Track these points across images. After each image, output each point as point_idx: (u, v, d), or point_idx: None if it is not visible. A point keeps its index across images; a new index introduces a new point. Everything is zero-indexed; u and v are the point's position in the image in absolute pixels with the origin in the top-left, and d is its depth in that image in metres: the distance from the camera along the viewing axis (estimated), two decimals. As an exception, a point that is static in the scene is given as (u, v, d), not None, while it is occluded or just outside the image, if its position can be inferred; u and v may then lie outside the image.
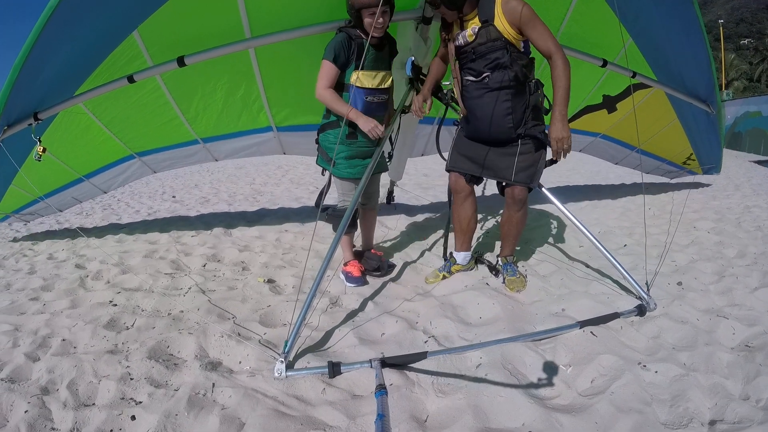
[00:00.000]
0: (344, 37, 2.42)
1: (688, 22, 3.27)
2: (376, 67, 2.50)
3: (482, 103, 2.38)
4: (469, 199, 2.70)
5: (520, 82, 2.30)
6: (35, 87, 2.73)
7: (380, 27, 2.37)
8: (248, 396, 1.69)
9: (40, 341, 2.17)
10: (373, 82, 2.50)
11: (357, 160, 2.63)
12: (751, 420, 1.51)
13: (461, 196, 2.70)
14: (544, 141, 2.38)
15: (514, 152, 2.44)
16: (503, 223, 2.68)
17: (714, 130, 4.51)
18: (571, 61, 3.45)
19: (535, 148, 2.44)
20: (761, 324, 2.13)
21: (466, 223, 2.73)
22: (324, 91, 2.44)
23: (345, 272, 2.79)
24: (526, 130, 2.39)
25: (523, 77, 2.30)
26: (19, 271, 3.42)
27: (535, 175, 2.48)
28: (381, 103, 2.58)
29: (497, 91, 2.32)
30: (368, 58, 2.43)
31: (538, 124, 2.42)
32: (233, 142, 3.97)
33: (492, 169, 2.54)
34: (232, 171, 11.01)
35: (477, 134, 2.53)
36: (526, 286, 2.61)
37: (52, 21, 2.25)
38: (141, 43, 2.73)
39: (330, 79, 2.44)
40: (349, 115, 2.42)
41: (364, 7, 2.30)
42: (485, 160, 2.54)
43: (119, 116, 3.42)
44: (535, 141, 2.42)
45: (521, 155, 2.44)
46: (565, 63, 2.19)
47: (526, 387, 1.74)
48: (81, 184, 4.14)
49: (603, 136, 4.96)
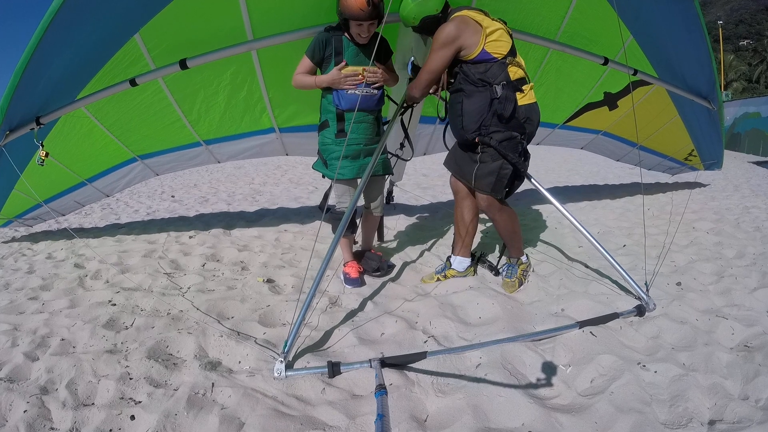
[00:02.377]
0: (324, 36, 2.50)
1: (688, 18, 3.27)
2: (357, 62, 2.52)
3: (450, 104, 2.56)
4: (467, 200, 2.69)
5: (474, 94, 2.36)
6: (37, 91, 2.72)
7: (365, 36, 2.46)
8: (248, 396, 1.69)
9: (39, 341, 2.17)
10: None
11: (347, 160, 2.61)
12: (751, 420, 1.51)
13: (459, 196, 2.72)
14: (498, 149, 2.37)
15: (476, 159, 2.47)
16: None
17: (715, 126, 4.52)
18: (572, 59, 3.37)
19: (492, 158, 2.42)
20: (760, 324, 2.13)
21: (465, 226, 2.73)
22: (295, 76, 2.58)
23: (344, 273, 2.79)
24: (481, 136, 2.39)
25: (478, 89, 2.35)
26: (18, 271, 3.42)
27: (496, 184, 2.44)
28: (369, 96, 2.56)
29: (455, 93, 2.48)
30: (349, 54, 2.50)
31: (498, 131, 2.38)
32: (236, 144, 3.96)
33: (462, 171, 2.59)
34: (231, 171, 11.00)
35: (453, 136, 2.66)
36: (515, 291, 2.60)
37: (54, 25, 2.25)
38: (143, 46, 2.73)
39: (304, 70, 2.56)
40: (316, 83, 2.52)
41: (353, 18, 2.36)
42: (459, 162, 2.61)
43: (121, 119, 3.41)
44: (491, 151, 2.40)
45: (481, 163, 2.45)
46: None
47: (526, 387, 1.74)
48: (84, 187, 4.13)
49: (604, 133, 4.96)
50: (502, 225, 2.61)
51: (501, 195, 2.50)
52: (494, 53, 2.32)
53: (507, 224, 2.60)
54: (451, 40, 2.30)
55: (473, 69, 2.35)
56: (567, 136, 4.90)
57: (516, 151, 2.42)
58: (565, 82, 3.91)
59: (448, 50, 2.33)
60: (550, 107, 4.21)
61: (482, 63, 2.33)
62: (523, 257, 2.72)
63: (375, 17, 2.37)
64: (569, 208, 2.64)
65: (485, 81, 2.33)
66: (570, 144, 5.22)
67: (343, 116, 2.57)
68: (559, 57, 3.56)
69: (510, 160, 2.39)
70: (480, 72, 2.33)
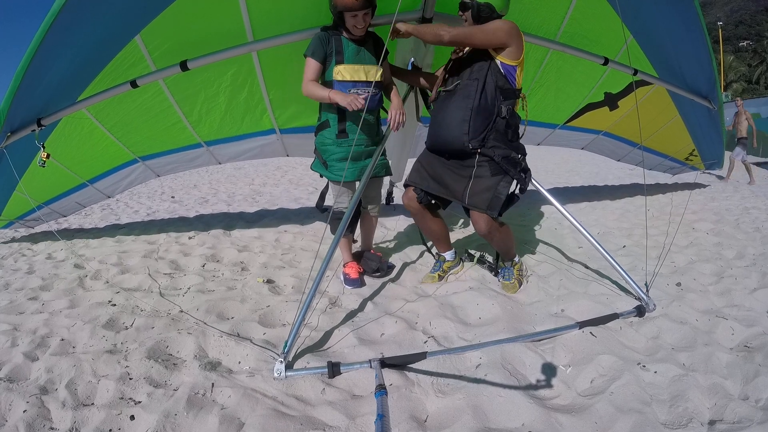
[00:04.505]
0: (323, 35, 2.47)
1: (688, 18, 3.28)
2: (358, 61, 2.50)
3: (445, 107, 2.42)
4: (427, 215, 2.65)
5: (488, 101, 2.30)
6: (38, 93, 2.73)
7: (361, 27, 2.41)
8: (247, 396, 1.69)
9: (38, 341, 2.17)
10: (356, 75, 2.48)
11: (349, 162, 2.56)
12: (751, 420, 1.51)
13: (419, 216, 2.66)
14: (501, 165, 2.30)
15: (469, 174, 2.37)
16: None
17: (715, 125, 4.52)
18: (572, 59, 3.34)
19: (491, 171, 2.33)
20: (760, 324, 2.13)
21: (438, 232, 2.74)
22: (306, 84, 2.47)
23: (343, 273, 2.79)
24: (483, 148, 2.32)
25: (493, 98, 2.30)
26: (18, 271, 3.42)
27: (493, 201, 2.31)
28: (372, 95, 2.50)
29: (463, 99, 2.33)
30: (349, 53, 2.47)
31: (499, 147, 2.32)
32: (237, 145, 3.96)
33: (447, 186, 2.47)
34: (231, 172, 11.01)
35: (435, 141, 2.51)
36: (516, 291, 2.60)
37: (55, 27, 2.25)
38: (143, 47, 2.73)
39: (313, 74, 2.47)
40: (330, 96, 2.41)
41: (346, 9, 2.33)
42: (443, 177, 2.48)
43: (122, 121, 3.41)
44: (492, 165, 2.33)
45: (476, 178, 2.34)
46: None
47: (526, 387, 1.73)
48: (85, 189, 4.14)
49: (605, 133, 4.96)
50: (498, 243, 2.57)
51: (497, 213, 2.34)
52: (518, 78, 2.33)
53: (501, 242, 2.56)
54: (505, 33, 2.23)
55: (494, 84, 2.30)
56: (568, 136, 4.90)
57: (517, 167, 2.36)
58: (565, 83, 3.92)
59: (495, 37, 2.24)
60: (550, 107, 4.21)
61: (504, 78, 2.31)
62: (516, 258, 2.73)
63: (368, 6, 2.34)
64: (569, 209, 2.64)
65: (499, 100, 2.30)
66: (571, 144, 5.21)
67: (345, 116, 2.54)
68: (560, 57, 3.56)
69: (512, 176, 2.34)
70: (505, 94, 2.31)
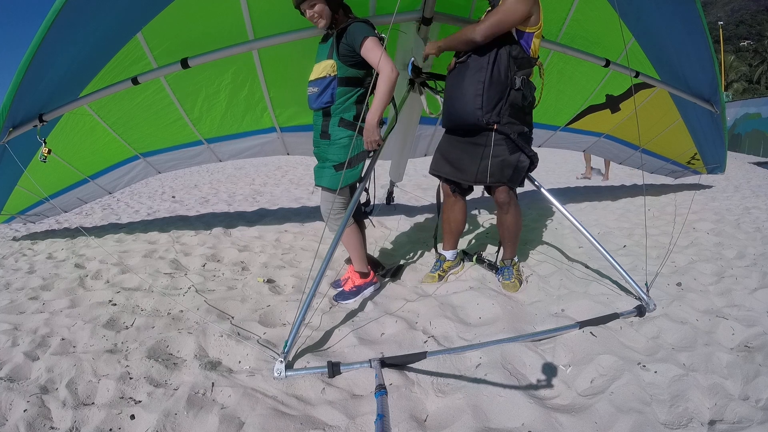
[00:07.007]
0: None
1: (690, 20, 3.27)
2: (317, 59, 2.45)
3: (457, 81, 2.38)
4: (459, 204, 2.71)
5: (501, 73, 2.26)
6: (40, 89, 2.73)
7: (316, 21, 2.32)
8: (248, 395, 1.69)
9: (39, 340, 2.17)
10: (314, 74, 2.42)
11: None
12: (751, 420, 1.51)
13: (451, 200, 2.72)
14: (517, 143, 2.33)
15: (486, 153, 2.36)
16: (498, 227, 2.70)
17: (718, 129, 4.50)
18: (573, 61, 3.33)
19: (509, 150, 2.36)
20: (760, 324, 2.13)
21: (455, 225, 2.77)
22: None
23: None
24: (498, 124, 2.30)
25: (506, 69, 2.26)
26: (19, 271, 3.42)
27: (514, 174, 2.41)
28: (310, 94, 2.46)
29: (475, 72, 2.29)
30: (318, 51, 2.47)
31: (515, 123, 2.33)
32: (237, 143, 3.97)
33: (465, 171, 2.48)
34: (231, 171, 11.01)
35: (449, 118, 2.50)
36: (517, 290, 2.60)
37: (57, 24, 2.25)
38: (145, 45, 2.74)
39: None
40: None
41: (295, 7, 2.30)
42: (460, 162, 2.49)
43: (124, 117, 3.42)
44: (509, 143, 2.35)
45: (494, 158, 2.36)
46: None
47: (526, 387, 1.73)
48: (86, 184, 4.15)
49: (607, 136, 4.95)
50: (509, 223, 2.60)
51: (518, 185, 2.49)
52: (534, 46, 2.29)
53: (513, 223, 2.61)
54: (526, 2, 2.15)
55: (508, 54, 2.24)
56: (569, 138, 4.90)
57: (530, 144, 2.41)
58: (566, 84, 3.91)
59: (521, 11, 2.15)
60: (551, 109, 4.21)
61: (519, 46, 2.26)
62: (515, 257, 2.75)
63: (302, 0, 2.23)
64: (570, 209, 2.64)
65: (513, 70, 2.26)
66: (572, 146, 5.21)
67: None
68: (561, 59, 3.56)
69: (527, 154, 2.38)
70: (519, 63, 2.28)
